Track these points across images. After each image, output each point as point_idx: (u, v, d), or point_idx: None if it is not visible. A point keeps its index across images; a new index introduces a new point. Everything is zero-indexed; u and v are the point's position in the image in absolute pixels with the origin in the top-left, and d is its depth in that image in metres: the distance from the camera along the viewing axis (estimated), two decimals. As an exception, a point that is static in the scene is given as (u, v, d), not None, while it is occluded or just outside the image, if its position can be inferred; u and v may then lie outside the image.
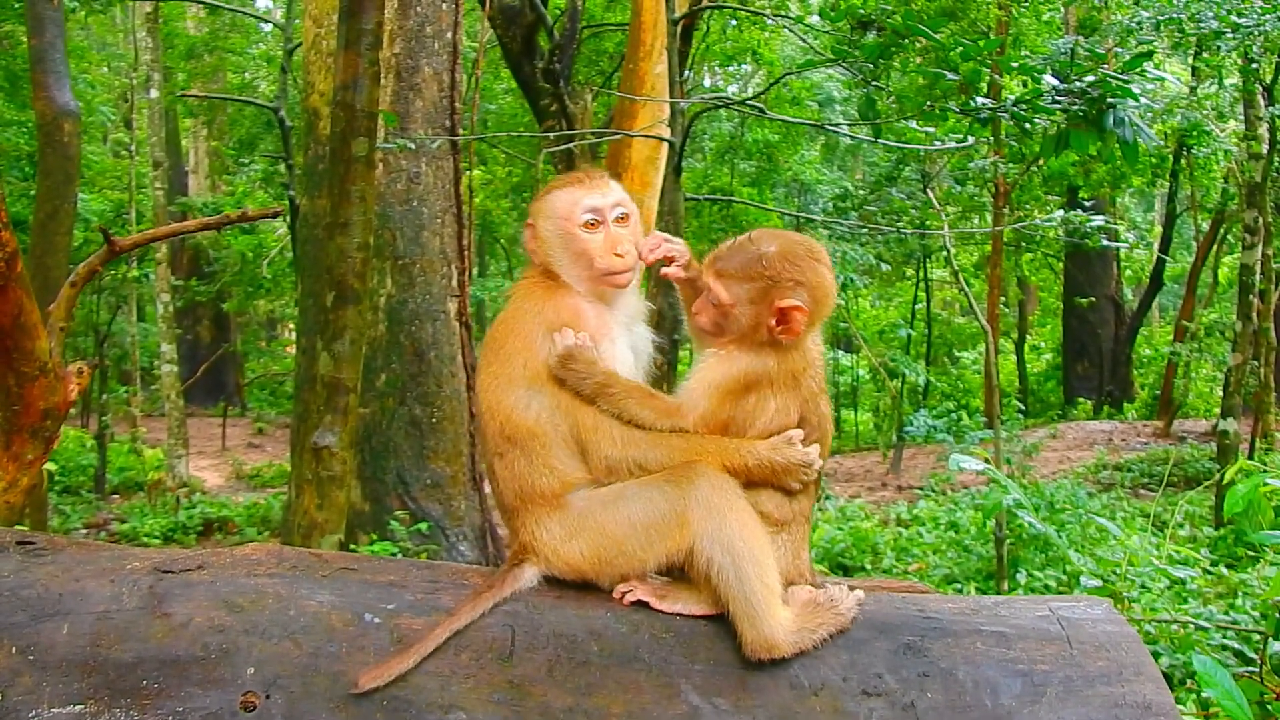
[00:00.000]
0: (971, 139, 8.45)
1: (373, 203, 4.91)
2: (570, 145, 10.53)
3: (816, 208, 19.08)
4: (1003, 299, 20.83)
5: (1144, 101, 5.49)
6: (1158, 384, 20.56)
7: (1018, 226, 13.88)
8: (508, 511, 2.34)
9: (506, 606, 2.19)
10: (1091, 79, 4.89)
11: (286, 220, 13.40)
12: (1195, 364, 19.65)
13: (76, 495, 14.98)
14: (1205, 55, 12.17)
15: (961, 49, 5.00)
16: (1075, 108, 4.93)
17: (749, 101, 10.36)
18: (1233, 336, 11.51)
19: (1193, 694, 4.46)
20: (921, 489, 13.99)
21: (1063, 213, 10.85)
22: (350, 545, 6.51)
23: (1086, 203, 16.72)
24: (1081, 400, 21.51)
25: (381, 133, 6.41)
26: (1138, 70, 5.02)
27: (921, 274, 20.30)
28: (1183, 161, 17.59)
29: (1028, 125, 5.48)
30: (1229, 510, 3.88)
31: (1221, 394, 12.56)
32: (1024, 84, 7.00)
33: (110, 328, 17.99)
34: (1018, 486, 5.91)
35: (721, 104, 12.47)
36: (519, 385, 2.28)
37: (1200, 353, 18.79)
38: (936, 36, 5.06)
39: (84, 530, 12.44)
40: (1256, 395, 12.11)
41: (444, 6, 9.41)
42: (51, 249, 9.82)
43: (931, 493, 13.28)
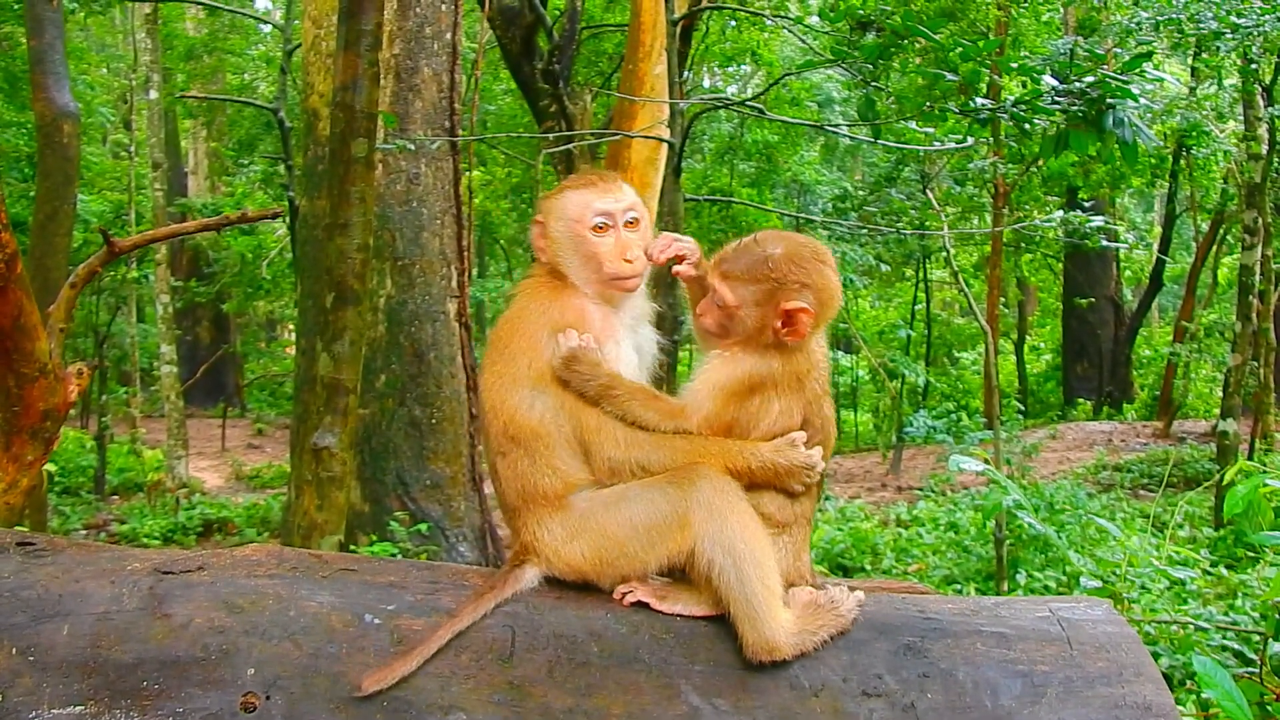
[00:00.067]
0: (971, 140, 8.45)
1: (372, 204, 4.91)
2: (570, 146, 10.53)
3: (816, 208, 19.07)
4: (1002, 299, 20.84)
5: (1143, 102, 5.49)
6: (1157, 384, 20.55)
7: (1017, 227, 13.89)
8: (510, 511, 2.33)
9: (507, 607, 2.20)
10: (1091, 79, 4.89)
11: (286, 221, 13.41)
12: (1195, 364, 19.65)
13: (76, 496, 14.96)
14: (1204, 56, 12.19)
15: (961, 50, 5.00)
16: (1075, 108, 4.93)
17: (748, 102, 10.37)
18: (1232, 337, 11.51)
19: (1193, 695, 4.46)
20: (921, 490, 13.98)
21: (1062, 213, 10.85)
22: (350, 546, 6.51)
23: (1086, 203, 16.73)
24: (1081, 401, 21.50)
25: (381, 134, 6.42)
26: (1137, 71, 5.02)
27: (921, 274, 20.30)
28: (1182, 162, 17.59)
29: (1027, 126, 5.48)
30: (1229, 511, 3.88)
31: (1221, 395, 12.55)
32: (1023, 84, 7.00)
33: (110, 329, 17.98)
34: (1017, 487, 5.90)
35: (721, 105, 12.47)
36: (523, 385, 2.28)
37: (1200, 353, 18.79)
38: (936, 37, 5.06)
39: (84, 531, 12.43)
40: (1256, 396, 12.11)
41: (443, 7, 9.41)
42: (51, 250, 9.81)
43: (931, 493, 13.27)
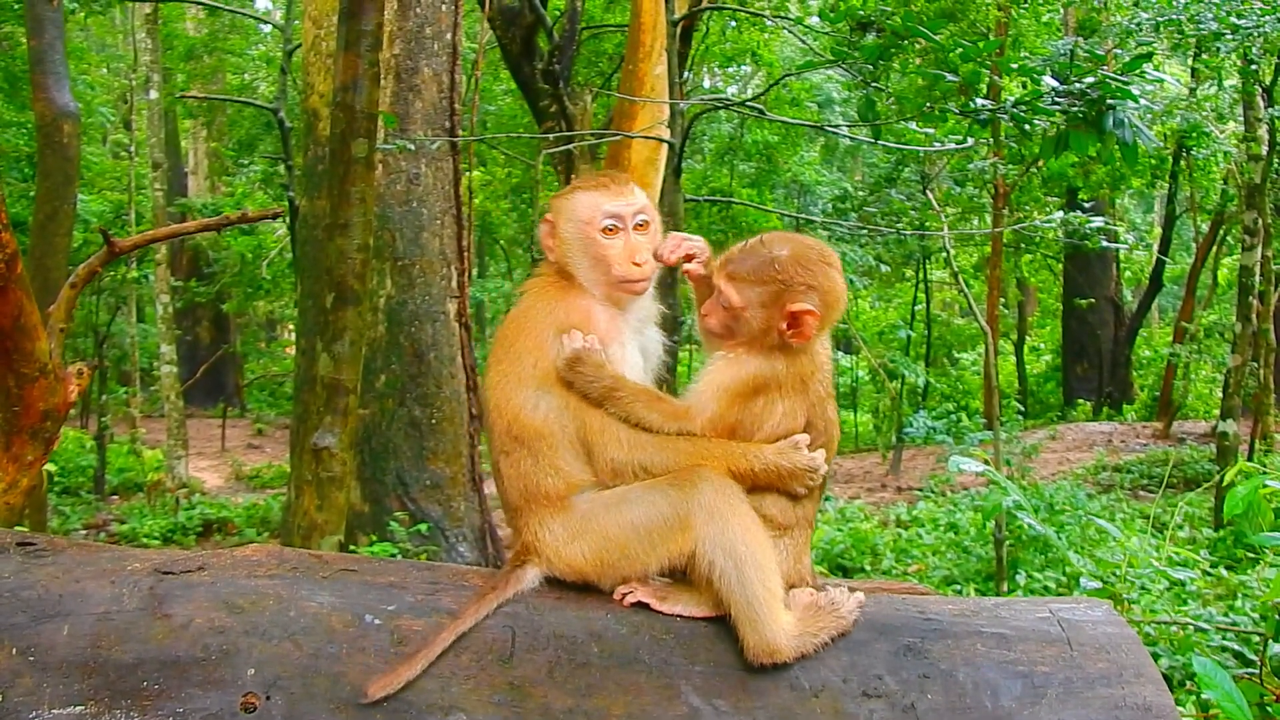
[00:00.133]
0: (971, 140, 8.46)
1: (372, 204, 4.91)
2: (570, 146, 10.53)
3: (816, 209, 19.07)
4: (1002, 300, 20.85)
5: (1143, 103, 5.49)
6: (1157, 385, 20.55)
7: (1017, 228, 13.89)
8: (512, 510, 2.34)
9: (507, 608, 2.20)
10: (1091, 80, 4.89)
11: (286, 221, 13.40)
12: (1195, 365, 19.65)
13: (76, 496, 14.96)
14: (1205, 57, 12.20)
15: (961, 50, 5.00)
16: (1075, 109, 4.93)
17: (748, 103, 10.38)
18: (1232, 338, 11.51)
19: (1192, 695, 4.46)
20: (921, 490, 13.98)
21: (1062, 214, 10.86)
22: (350, 546, 6.51)
23: (1086, 204, 16.75)
24: (1081, 401, 21.50)
25: (381, 134, 6.41)
26: (1137, 72, 5.02)
27: (921, 275, 20.29)
28: (1182, 163, 17.59)
29: (1027, 126, 5.48)
30: (1229, 512, 3.88)
31: (1221, 395, 12.54)
32: (1023, 85, 7.00)
33: (110, 329, 17.98)
34: (1017, 488, 5.90)
35: (721, 105, 12.48)
36: (528, 385, 2.28)
37: (1200, 354, 18.79)
38: (936, 38, 5.06)
39: (83, 531, 12.42)
40: (1256, 397, 12.10)
41: (443, 8, 9.41)
42: (51, 250, 9.80)
43: (931, 494, 13.27)
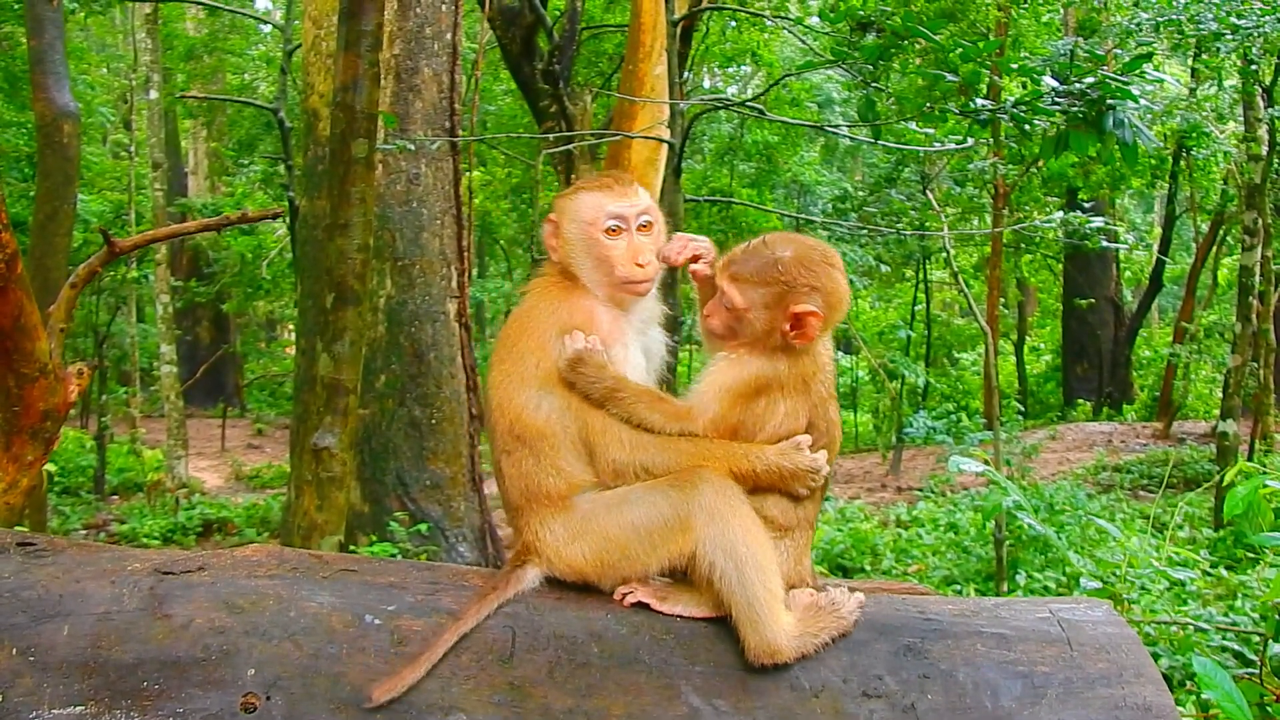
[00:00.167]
0: (971, 140, 8.45)
1: (372, 204, 4.91)
2: (570, 147, 10.53)
3: (816, 209, 19.07)
4: (1002, 300, 20.84)
5: (1143, 103, 5.49)
6: (1157, 385, 20.55)
7: (1017, 228, 13.89)
8: (513, 510, 2.34)
9: (508, 608, 2.20)
10: (1091, 80, 4.89)
11: (286, 221, 13.40)
12: (1195, 365, 19.64)
13: (76, 496, 14.95)
14: (1205, 57, 12.19)
15: (961, 50, 5.00)
16: (1075, 109, 4.93)
17: (748, 103, 10.37)
18: (1232, 338, 11.51)
19: (1192, 695, 4.46)
20: (921, 490, 13.98)
21: (1062, 214, 10.85)
22: (350, 546, 6.51)
23: (1086, 204, 16.74)
24: (1081, 402, 21.50)
25: (381, 134, 6.41)
26: (1137, 72, 5.02)
27: (921, 275, 20.28)
28: (1182, 163, 17.58)
29: (1027, 127, 5.48)
30: (1229, 512, 3.88)
31: (1221, 395, 12.54)
32: (1023, 85, 7.00)
33: (110, 329, 17.98)
34: (1017, 488, 5.90)
35: (721, 105, 12.47)
36: (531, 385, 2.28)
37: (1200, 354, 18.79)
38: (936, 38, 5.06)
39: (83, 531, 12.42)
40: (1256, 397, 12.10)
41: (443, 8, 9.41)
42: (51, 250, 9.80)
43: (931, 494, 13.27)
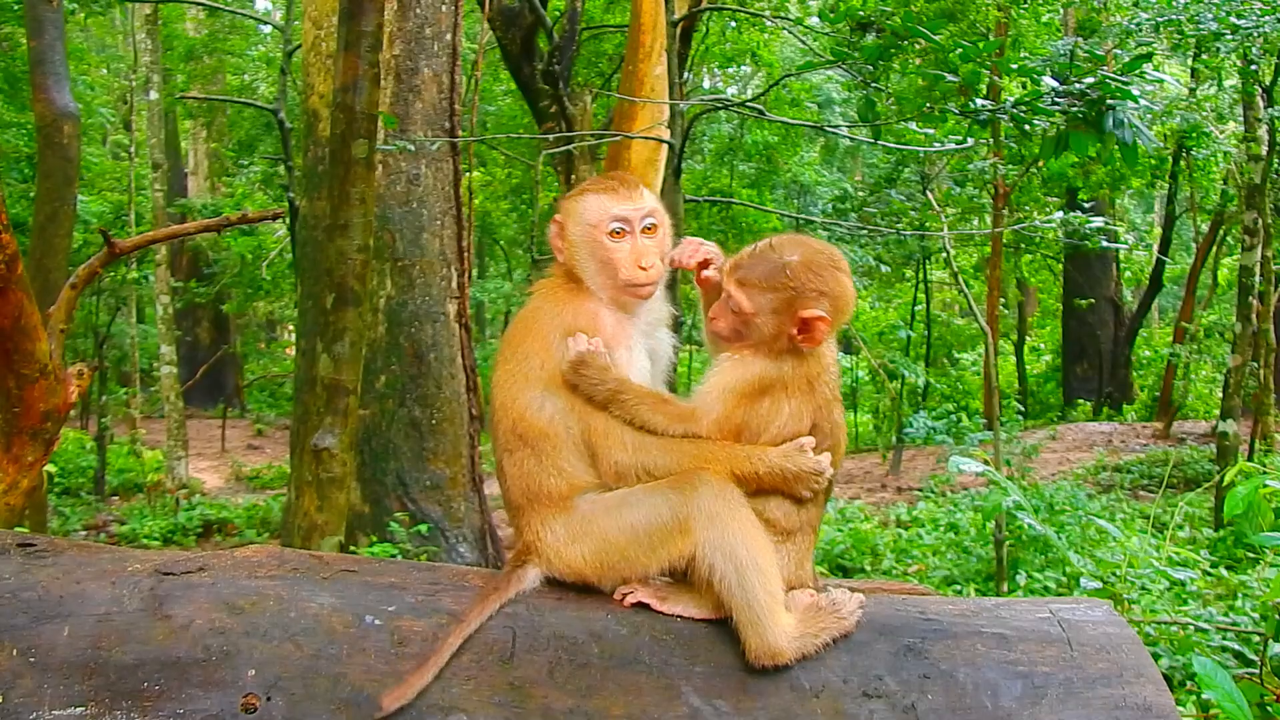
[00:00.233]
0: (971, 140, 8.45)
1: (372, 205, 4.91)
2: (570, 147, 10.53)
3: (816, 209, 19.07)
4: (1002, 300, 20.83)
5: (1143, 103, 5.49)
6: (1157, 385, 20.54)
7: (1017, 228, 13.87)
8: (513, 509, 2.34)
9: (508, 608, 2.20)
10: (1091, 81, 4.90)
11: (286, 222, 13.39)
12: (1195, 365, 19.64)
13: (76, 497, 14.95)
14: (1204, 57, 12.19)
15: (961, 51, 5.00)
16: (1074, 109, 4.93)
17: (748, 103, 10.38)
18: (1232, 338, 11.51)
19: (1193, 695, 4.46)
20: (921, 490, 13.97)
21: (1062, 214, 10.84)
22: (350, 547, 6.51)
23: (1086, 204, 16.73)
24: (1081, 402, 21.49)
25: (381, 135, 6.41)
26: (1137, 72, 5.02)
27: (921, 275, 20.27)
28: (1182, 163, 17.58)
29: (1027, 127, 5.49)
30: (1229, 512, 3.88)
31: (1221, 395, 12.54)
32: (1023, 86, 7.01)
33: (110, 329, 17.98)
34: (1017, 488, 5.90)
35: (721, 105, 12.47)
36: (534, 385, 2.28)
37: (1200, 354, 18.78)
38: (936, 38, 5.07)
39: (83, 532, 12.41)
40: (1256, 397, 12.09)
41: (443, 8, 9.41)
42: (51, 251, 9.79)
43: (931, 494, 13.26)
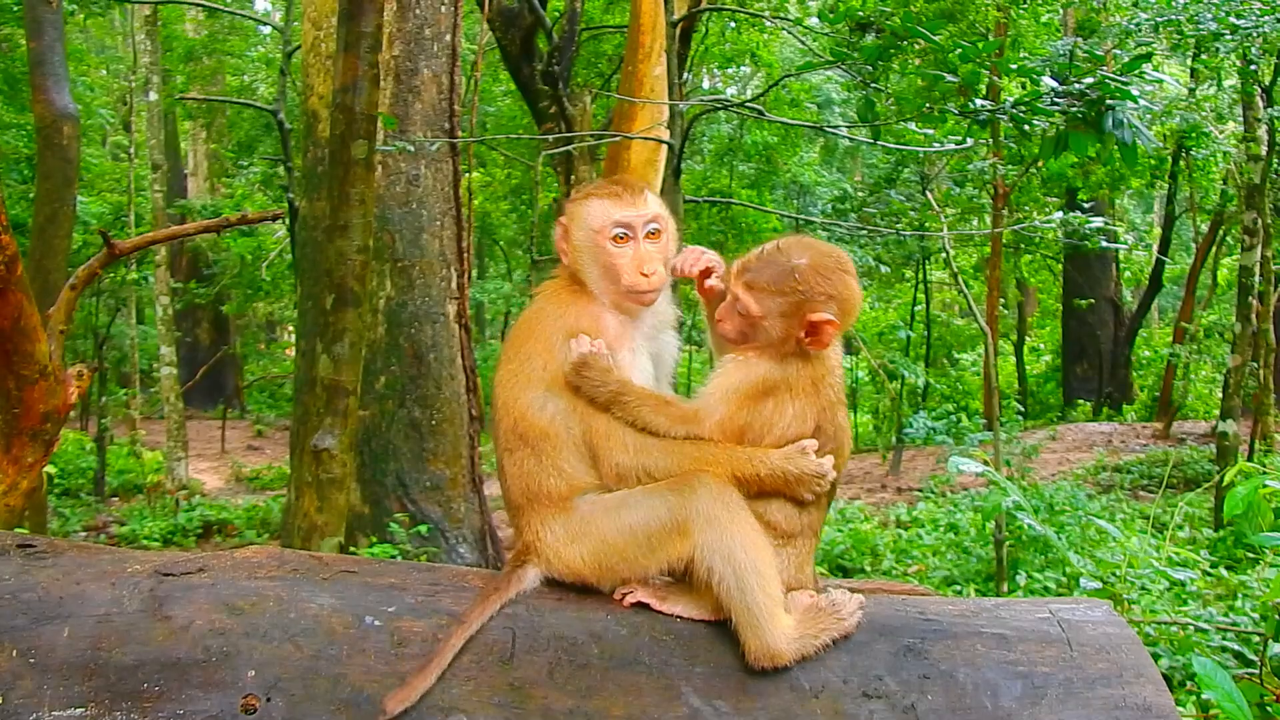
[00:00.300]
0: (970, 141, 8.45)
1: (372, 205, 4.91)
2: (569, 148, 10.53)
3: (815, 209, 19.06)
4: (1002, 301, 20.83)
5: (1143, 103, 5.49)
6: (1157, 385, 20.54)
7: (1017, 228, 13.87)
8: (513, 509, 2.34)
9: (508, 609, 2.20)
10: (1090, 81, 4.89)
11: (286, 223, 13.38)
12: (1194, 365, 19.64)
13: (76, 498, 14.94)
14: (1204, 57, 12.17)
15: (960, 51, 5.00)
16: (1074, 110, 4.93)
17: (748, 103, 10.36)
18: (1232, 338, 11.51)
19: (1193, 696, 4.45)
20: (921, 491, 13.96)
21: (1062, 214, 10.84)
22: (350, 548, 6.50)
23: (1085, 204, 16.74)
24: (1081, 402, 21.48)
25: (381, 135, 6.42)
26: (1136, 72, 5.02)
27: (921, 276, 20.27)
28: (1182, 163, 17.57)
29: (1027, 127, 5.48)
30: (1229, 512, 3.88)
31: (1221, 396, 12.55)
32: (1023, 86, 7.01)
33: (109, 330, 17.97)
34: (1017, 488, 5.90)
35: (720, 106, 12.46)
36: (537, 386, 2.28)
37: (1199, 354, 18.78)
38: (935, 38, 5.07)
39: (83, 533, 12.41)
40: (1256, 397, 12.09)
41: (443, 9, 9.41)
42: (51, 252, 9.79)
43: (931, 494, 13.26)
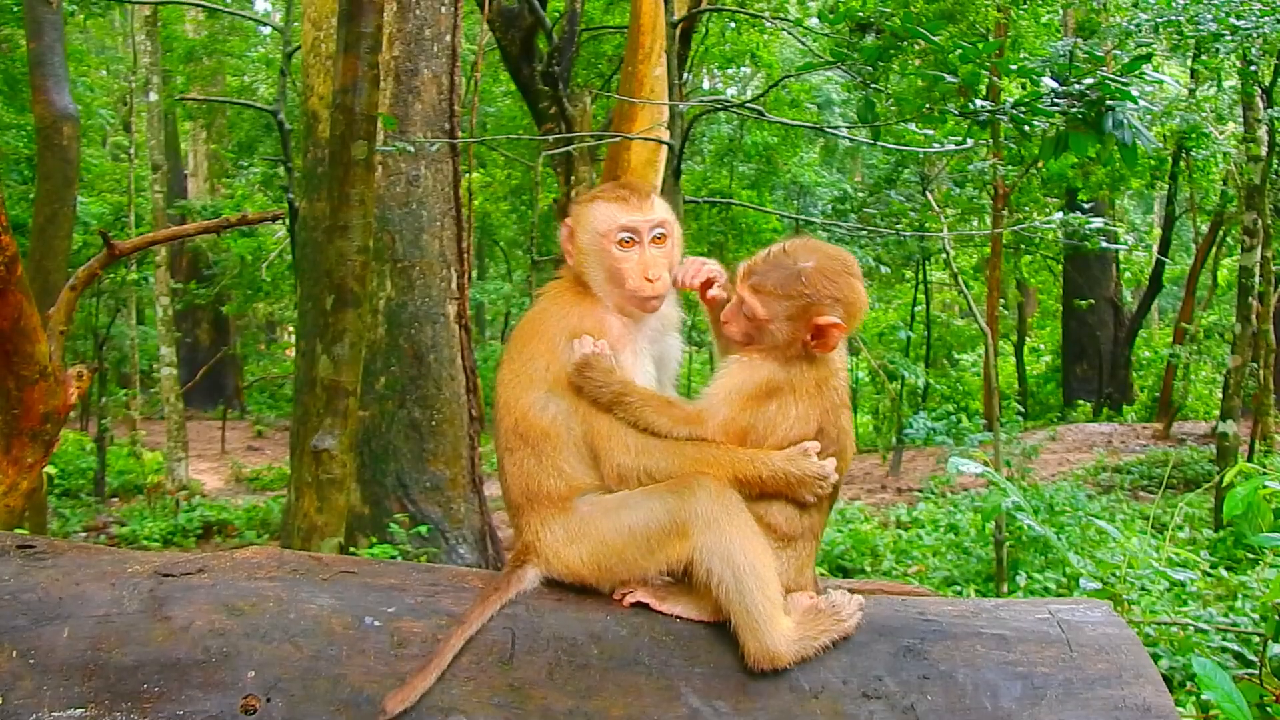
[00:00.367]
0: (970, 141, 8.45)
1: (372, 206, 4.91)
2: (569, 148, 10.53)
3: (816, 210, 19.06)
4: (1002, 301, 20.82)
5: (1143, 104, 5.49)
6: (1157, 386, 20.53)
7: (1017, 229, 13.87)
8: (513, 509, 2.34)
9: (507, 609, 2.20)
10: (1090, 81, 4.89)
11: (286, 223, 13.39)
12: (1194, 366, 19.63)
13: (76, 498, 14.94)
14: (1204, 58, 12.17)
15: (960, 51, 4.99)
16: (1074, 110, 4.93)
17: (748, 104, 10.35)
18: (1232, 339, 11.50)
19: (1192, 696, 4.45)
20: (921, 491, 13.96)
21: (1062, 215, 10.85)
22: (350, 548, 6.51)
23: (1085, 205, 16.73)
24: (1081, 402, 21.48)
25: (381, 136, 6.42)
26: (1136, 73, 5.01)
27: (921, 276, 20.27)
28: (1182, 164, 17.57)
29: (1027, 128, 5.48)
30: (1228, 512, 3.87)
31: (1221, 396, 12.55)
32: (1023, 86, 7.01)
33: (110, 331, 17.97)
34: (1017, 489, 5.90)
35: (720, 107, 12.44)
36: (539, 386, 2.28)
37: (1199, 355, 18.77)
38: (935, 39, 5.06)
39: (83, 533, 12.40)
40: (1256, 397, 12.09)
41: (443, 9, 9.41)
42: (51, 253, 9.79)
43: (931, 495, 13.25)
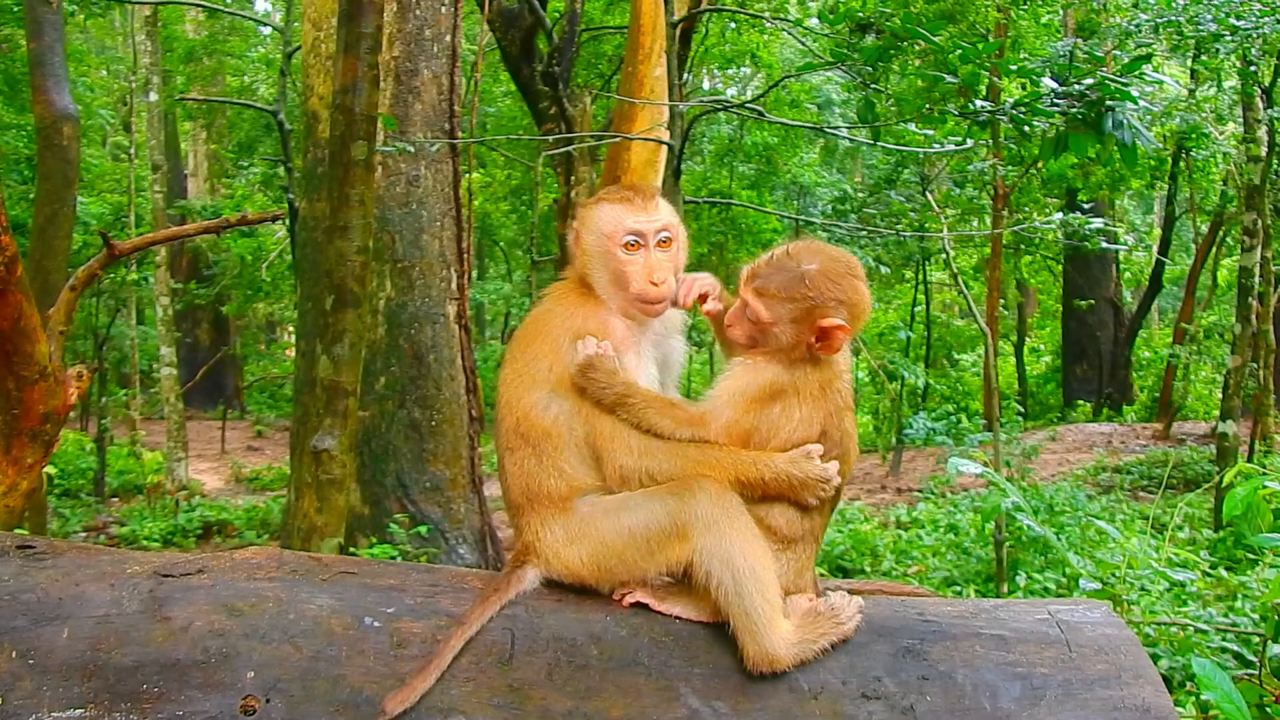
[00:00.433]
0: (970, 142, 8.45)
1: (372, 206, 4.91)
2: (569, 148, 10.53)
3: (815, 210, 19.07)
4: (1002, 301, 20.83)
5: (1143, 104, 5.49)
6: (1157, 386, 20.53)
7: (1017, 229, 13.87)
8: (513, 509, 2.34)
9: (507, 610, 2.20)
10: (1090, 82, 4.89)
11: (286, 223, 13.38)
12: (1194, 366, 19.64)
13: (76, 499, 14.94)
14: (1204, 58, 12.18)
15: (960, 52, 4.99)
16: (1074, 110, 4.93)
17: (748, 104, 10.35)
18: (1232, 339, 11.50)
19: (1192, 696, 4.45)
20: (921, 491, 13.96)
21: (1062, 215, 10.85)
22: (350, 549, 6.51)
23: (1085, 205, 16.74)
24: (1081, 402, 21.48)
25: (381, 136, 6.42)
26: (1136, 73, 5.01)
27: (921, 276, 20.26)
28: (1181, 164, 17.57)
29: (1027, 128, 5.48)
30: (1228, 513, 3.87)
31: (1220, 396, 12.55)
32: (1023, 87, 7.01)
33: (109, 331, 17.97)
34: (1017, 489, 5.90)
35: (720, 107, 12.43)
36: (541, 387, 2.28)
37: (1199, 355, 18.77)
38: (935, 39, 5.06)
39: (83, 533, 12.40)
40: (1256, 398, 12.09)
41: (443, 10, 9.42)
42: (51, 253, 9.79)
43: (931, 495, 13.25)
